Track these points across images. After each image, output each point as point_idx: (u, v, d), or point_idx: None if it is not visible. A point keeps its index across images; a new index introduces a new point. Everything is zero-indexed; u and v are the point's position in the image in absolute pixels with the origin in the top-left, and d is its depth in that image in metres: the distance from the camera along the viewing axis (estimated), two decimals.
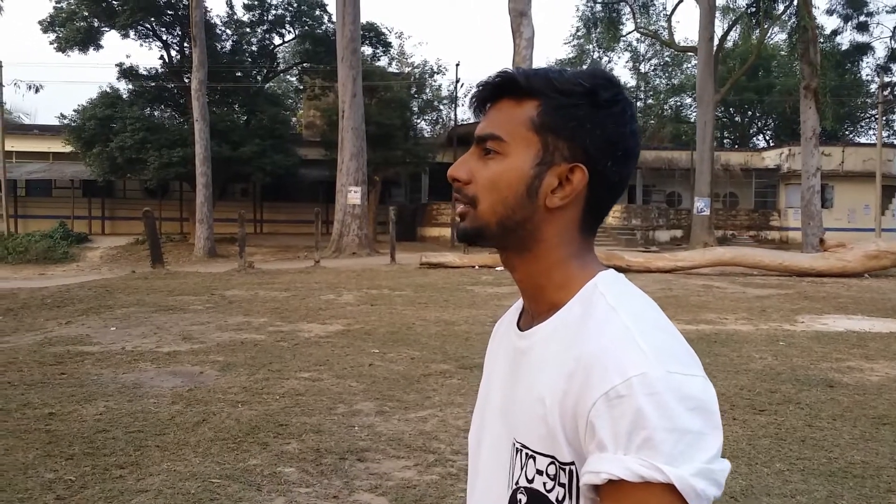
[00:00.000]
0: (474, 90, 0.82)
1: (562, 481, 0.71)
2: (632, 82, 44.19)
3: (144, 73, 27.30)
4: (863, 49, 29.19)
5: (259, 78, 29.46)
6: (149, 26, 26.74)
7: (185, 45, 26.37)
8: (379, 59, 30.29)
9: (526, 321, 0.84)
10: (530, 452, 0.74)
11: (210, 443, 3.84)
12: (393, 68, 32.69)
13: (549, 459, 0.72)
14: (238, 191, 29.90)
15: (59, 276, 17.62)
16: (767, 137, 42.12)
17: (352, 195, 20.60)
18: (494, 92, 0.80)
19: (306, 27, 28.53)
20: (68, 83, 53.35)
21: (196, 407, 4.54)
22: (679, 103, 43.37)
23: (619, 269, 0.81)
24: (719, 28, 28.10)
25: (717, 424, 0.67)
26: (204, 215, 21.74)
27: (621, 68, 43.57)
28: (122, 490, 3.23)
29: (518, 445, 0.76)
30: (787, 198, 30.09)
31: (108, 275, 15.86)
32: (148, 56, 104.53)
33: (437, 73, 32.91)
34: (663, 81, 43.90)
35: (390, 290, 11.02)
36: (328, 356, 6.18)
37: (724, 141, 41.01)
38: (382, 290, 11.15)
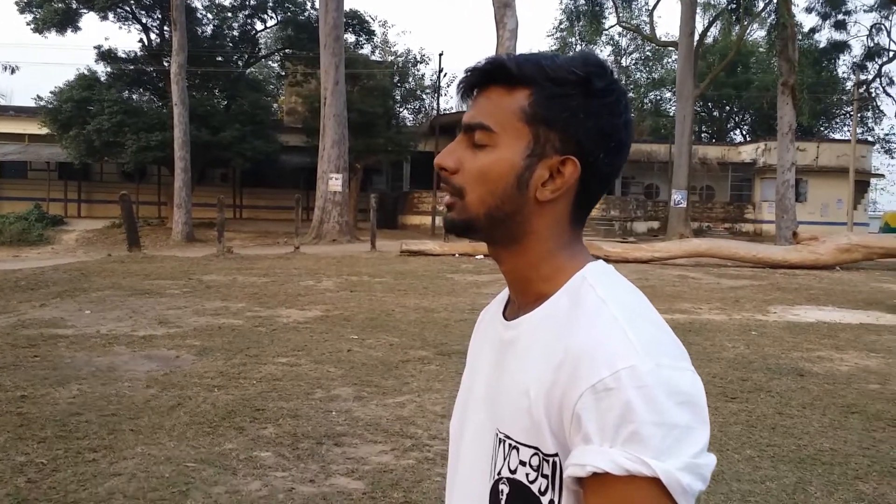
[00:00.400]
0: (462, 75, 0.79)
1: (545, 473, 0.70)
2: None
3: (123, 55, 26.82)
4: (840, 47, 29.62)
5: (240, 63, 29.11)
6: (128, 9, 26.26)
7: (166, 28, 25.95)
8: (362, 47, 30.10)
9: (512, 311, 0.83)
10: (514, 443, 0.73)
11: (185, 427, 3.82)
12: (376, 56, 32.50)
13: (533, 451, 0.71)
14: (218, 176, 29.58)
15: (34, 259, 17.33)
16: (744, 132, 42.59)
17: (333, 182, 20.49)
18: (483, 78, 0.77)
19: (289, 13, 28.21)
20: (45, 65, 52.30)
21: (171, 391, 4.51)
22: (659, 97, 43.65)
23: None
24: (700, 24, 28.32)
25: (704, 419, 0.66)
26: (182, 200, 21.51)
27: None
28: (94, 473, 3.21)
29: (501, 436, 0.75)
30: (762, 191, 30.50)
31: (83, 258, 15.62)
32: (127, 39, 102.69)
33: (421, 63, 32.92)
34: (644, 75, 44.10)
35: (370, 277, 11.00)
36: (306, 342, 6.17)
37: (702, 135, 41.43)
38: (362, 276, 11.12)
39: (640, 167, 31.02)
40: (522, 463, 0.72)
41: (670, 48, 33.57)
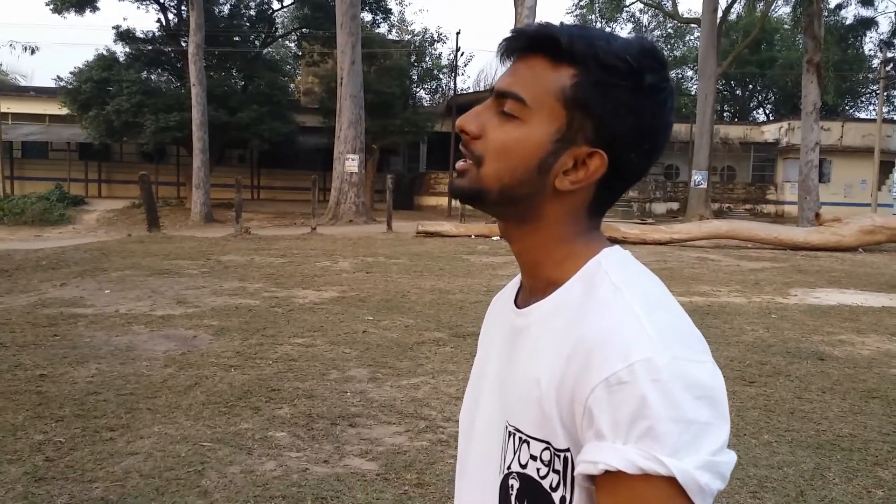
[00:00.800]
0: (506, 35, 0.73)
1: (556, 468, 0.67)
2: None
3: (141, 36, 26.85)
4: (867, 24, 28.82)
5: (257, 43, 29.02)
6: None
7: (183, 8, 25.89)
8: (379, 26, 29.85)
9: (524, 298, 0.79)
10: (524, 437, 0.70)
11: (202, 406, 3.86)
12: (393, 36, 32.26)
13: (544, 445, 0.68)
14: (235, 157, 29.67)
15: (55, 239, 17.56)
16: (767, 111, 41.84)
17: (349, 163, 20.47)
18: (529, 44, 0.71)
19: None
20: (64, 45, 52.62)
21: (188, 371, 4.55)
22: (680, 75, 42.92)
23: (615, 241, 0.77)
24: (723, 0, 27.70)
25: (724, 414, 0.63)
26: (200, 180, 21.62)
27: None
28: (111, 452, 3.25)
29: (511, 429, 0.72)
30: (785, 172, 29.99)
31: (104, 238, 15.81)
32: (145, 19, 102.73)
33: (438, 42, 32.51)
34: (666, 53, 43.35)
35: (386, 258, 11.01)
36: (322, 322, 6.19)
37: (724, 114, 40.76)
38: (378, 257, 11.13)
39: None
40: (533, 457, 0.69)
41: (692, 25, 32.95)
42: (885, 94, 31.66)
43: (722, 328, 6.32)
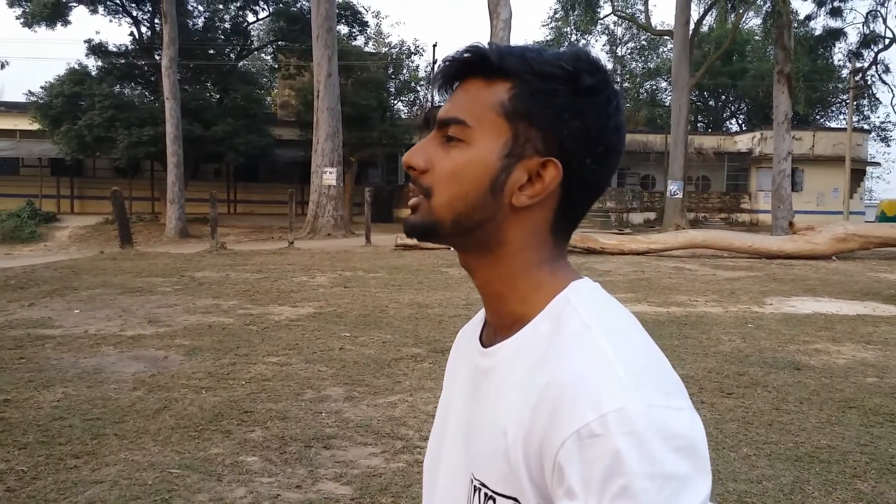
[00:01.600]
0: (440, 65, 0.71)
1: None
2: (609, 65, 44.20)
3: (114, 49, 26.60)
4: (836, 34, 29.46)
5: (232, 56, 28.88)
6: (118, 1, 26.02)
7: (156, 21, 25.73)
8: (355, 39, 29.88)
9: (489, 335, 0.73)
10: (490, 492, 0.64)
11: (171, 431, 3.74)
12: (370, 48, 32.33)
13: (512, 502, 0.63)
14: (211, 171, 29.41)
15: (26, 256, 17.21)
16: (740, 121, 42.53)
17: (327, 176, 20.36)
18: (462, 69, 0.69)
19: (280, 4, 27.99)
20: (35, 59, 51.91)
21: (158, 393, 4.42)
22: (654, 87, 43.57)
23: (593, 252, 0.72)
24: (695, 12, 28.16)
25: (705, 466, 0.58)
26: (175, 195, 21.37)
27: (599, 51, 43.62)
28: (75, 481, 3.13)
29: (476, 483, 0.66)
30: (759, 181, 30.45)
31: (76, 255, 15.51)
32: (118, 32, 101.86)
33: (415, 54, 32.78)
34: (640, 65, 43.99)
35: (364, 272, 10.92)
36: (298, 340, 6.09)
37: (698, 125, 41.36)
38: (357, 271, 11.04)
39: (635, 158, 30.93)
40: None
41: (666, 37, 33.44)
42: (855, 103, 32.33)
43: (699, 338, 6.33)
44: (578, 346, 0.62)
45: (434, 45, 31.46)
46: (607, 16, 34.43)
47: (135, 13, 26.58)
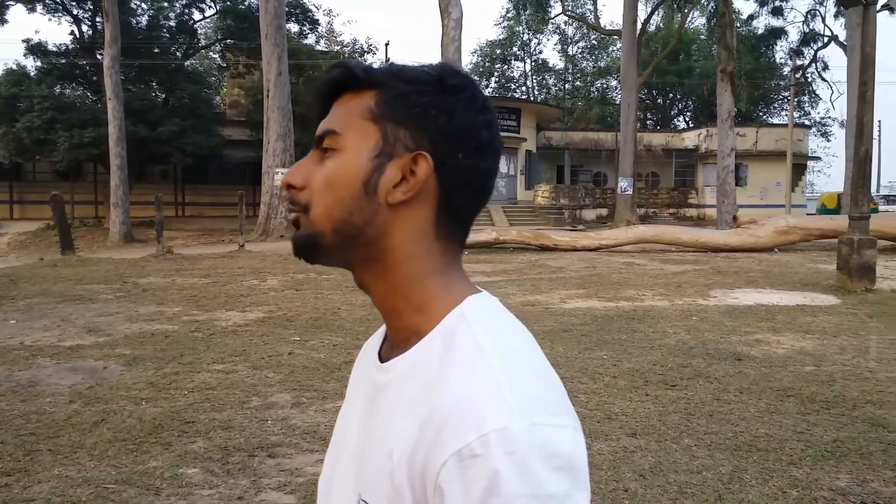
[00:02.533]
0: (314, 91, 0.73)
1: None
2: (560, 64, 44.78)
3: (54, 49, 25.66)
4: (777, 33, 30.45)
5: (178, 55, 28.18)
6: (58, 0, 25.13)
7: (98, 19, 24.92)
8: (306, 37, 29.52)
9: (388, 350, 0.72)
10: None
11: (107, 444, 3.62)
12: (321, 47, 31.93)
13: None
14: (158, 172, 28.63)
15: None
16: (687, 119, 43.56)
17: (279, 177, 20.05)
18: (335, 88, 0.71)
19: (227, 2, 27.43)
20: None
21: (95, 406, 4.28)
22: (605, 85, 44.28)
23: (547, 249, 0.71)
24: (642, 12, 28.71)
25: (584, 483, 0.58)
26: (119, 199, 20.74)
27: (550, 50, 44.19)
28: (6, 500, 3.00)
29: None
30: (705, 176, 31.24)
31: (14, 263, 14.92)
32: (58, 31, 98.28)
33: (367, 53, 32.34)
34: (590, 64, 44.68)
35: (317, 274, 10.79)
36: (245, 346, 5.97)
37: (647, 122, 42.21)
38: (309, 273, 10.90)
39: (588, 155, 31.43)
40: None
41: (615, 37, 34.01)
42: (796, 100, 33.44)
43: (646, 332, 6.45)
44: (469, 367, 0.61)
45: (387, 44, 31.45)
46: (557, 15, 34.87)
47: (75, 11, 25.72)
